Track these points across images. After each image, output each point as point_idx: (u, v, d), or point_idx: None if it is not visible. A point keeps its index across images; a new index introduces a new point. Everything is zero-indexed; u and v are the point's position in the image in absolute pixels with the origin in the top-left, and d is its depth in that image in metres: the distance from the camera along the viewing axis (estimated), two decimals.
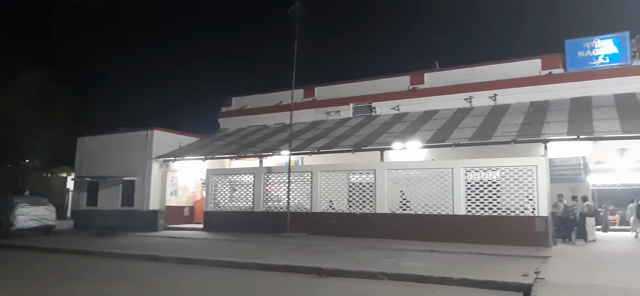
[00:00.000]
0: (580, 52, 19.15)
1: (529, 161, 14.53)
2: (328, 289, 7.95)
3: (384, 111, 22.25)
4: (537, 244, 13.49)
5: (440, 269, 9.25)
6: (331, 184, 17.56)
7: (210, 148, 22.14)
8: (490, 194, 14.84)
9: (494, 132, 16.15)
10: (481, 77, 20.66)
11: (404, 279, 8.61)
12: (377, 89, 22.96)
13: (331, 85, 24.75)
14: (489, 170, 15.08)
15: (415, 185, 16.19)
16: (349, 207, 17.08)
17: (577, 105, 17.39)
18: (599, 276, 8.89)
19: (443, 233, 14.72)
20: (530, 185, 14.27)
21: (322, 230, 16.68)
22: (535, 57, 20.16)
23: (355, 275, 9.08)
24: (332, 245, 13.64)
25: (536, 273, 8.70)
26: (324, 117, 23.52)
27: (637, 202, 19.13)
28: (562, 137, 14.72)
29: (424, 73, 22.52)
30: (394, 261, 10.41)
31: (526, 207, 14.28)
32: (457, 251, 12.17)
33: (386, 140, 17.85)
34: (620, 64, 18.43)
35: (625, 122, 14.67)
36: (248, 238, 15.89)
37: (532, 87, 19.41)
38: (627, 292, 7.31)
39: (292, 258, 10.92)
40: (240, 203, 19.37)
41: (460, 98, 20.63)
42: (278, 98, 24.62)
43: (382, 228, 15.86)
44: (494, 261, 10.55)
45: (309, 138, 20.27)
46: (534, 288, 7.41)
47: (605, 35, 18.96)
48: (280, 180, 18.64)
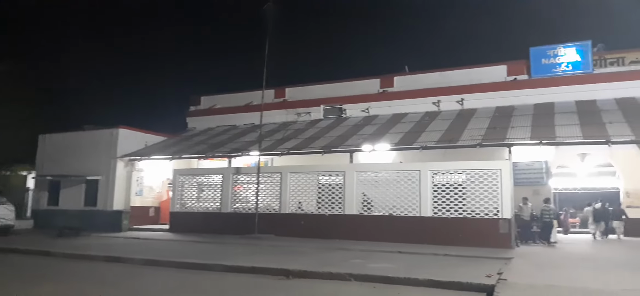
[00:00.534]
0: (544, 59, 19.75)
1: (494, 164, 14.88)
2: (295, 290, 7.91)
3: (354, 113, 22.40)
4: (501, 246, 13.82)
5: (407, 270, 9.34)
6: (300, 185, 17.53)
7: (177, 147, 21.78)
8: (456, 196, 15.12)
9: (461, 136, 16.46)
10: (449, 81, 21.06)
11: (370, 280, 8.65)
12: (348, 91, 23.10)
13: (302, 86, 24.75)
14: (455, 172, 15.35)
15: (383, 186, 16.35)
16: (318, 208, 17.10)
17: (541, 111, 17.92)
18: (560, 277, 9.16)
19: (410, 235, 14.92)
20: (495, 188, 14.61)
21: (290, 231, 16.63)
22: (502, 63, 20.69)
23: (322, 276, 9.07)
24: (300, 247, 13.61)
25: (499, 274, 8.88)
26: (294, 118, 23.49)
27: (594, 205, 19.86)
28: (526, 142, 15.14)
29: (393, 76, 22.78)
30: (361, 262, 10.45)
31: (491, 209, 14.60)
32: (423, 253, 12.34)
33: (356, 142, 17.96)
34: (582, 71, 19.10)
35: (586, 128, 15.21)
36: (215, 240, 15.69)
37: (498, 93, 19.90)
38: (587, 292, 7.54)
39: (259, 259, 10.83)
40: (208, 204, 19.12)
41: (428, 102, 20.97)
42: (248, 99, 24.44)
43: (350, 229, 15.93)
44: (459, 262, 10.73)
45: (279, 139, 20.20)
46: (496, 289, 7.56)
47: (568, 43, 19.61)
48: (249, 181, 18.50)
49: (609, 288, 7.86)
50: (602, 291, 7.52)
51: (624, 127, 14.69)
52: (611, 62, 18.89)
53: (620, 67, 18.66)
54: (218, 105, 26.10)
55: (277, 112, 23.54)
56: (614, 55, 18.95)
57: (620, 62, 18.75)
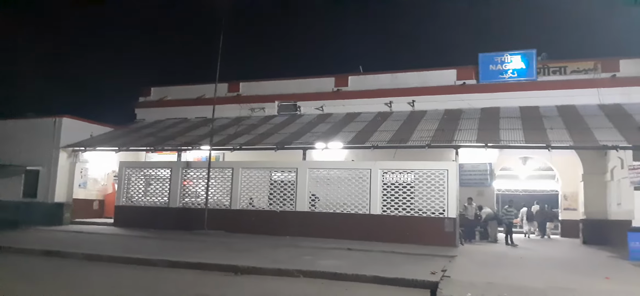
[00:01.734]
0: (491, 65, 20.48)
1: (441, 165, 15.35)
2: (242, 287, 7.86)
3: (309, 110, 22.44)
4: (446, 244, 14.29)
5: (355, 267, 9.48)
6: (252, 181, 17.41)
7: (125, 139, 21.06)
8: (404, 195, 15.49)
9: (411, 136, 16.84)
10: (401, 83, 21.47)
11: (319, 277, 8.72)
12: (303, 89, 23.09)
13: (257, 81, 24.51)
14: (404, 172, 15.73)
15: (335, 184, 16.50)
16: (269, 204, 17.04)
17: (487, 115, 18.60)
18: (500, 274, 9.57)
19: (360, 232, 15.16)
20: (442, 188, 15.08)
21: (241, 227, 16.48)
22: (452, 67, 21.27)
23: (271, 272, 9.06)
24: (250, 243, 13.53)
25: (443, 271, 9.18)
26: (248, 113, 23.25)
27: (528, 208, 20.90)
28: (472, 144, 15.67)
29: (348, 76, 22.96)
30: (311, 259, 10.52)
31: (437, 209, 15.06)
32: (372, 250, 12.56)
33: (309, 140, 18.00)
34: (527, 78, 19.93)
35: (529, 133, 15.93)
36: (162, 235, 15.31)
37: (448, 96, 20.46)
38: (523, 289, 7.92)
39: (207, 255, 10.68)
40: (155, 198, 18.63)
41: (381, 103, 21.30)
42: (200, 91, 23.94)
43: (302, 226, 15.98)
44: (406, 260, 11.00)
45: (232, 134, 19.93)
46: (440, 286, 7.82)
47: (515, 51, 20.41)
48: (199, 176, 18.18)
49: (544, 285, 8.30)
50: (536, 289, 7.93)
51: (564, 133, 15.49)
52: (554, 71, 19.84)
53: (562, 75, 19.62)
54: (169, 97, 25.42)
55: (230, 107, 23.20)
56: (556, 64, 19.90)
57: (562, 71, 19.72)
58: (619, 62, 18.87)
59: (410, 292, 7.84)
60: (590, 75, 18.97)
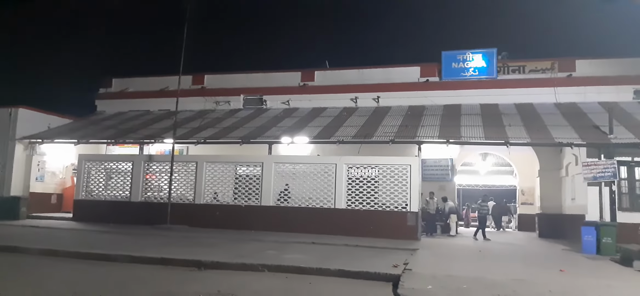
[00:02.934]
0: (454, 63, 20.95)
1: (405, 160, 15.64)
2: (205, 282, 7.80)
3: (275, 105, 22.38)
4: (408, 237, 14.60)
5: (319, 260, 9.57)
6: (217, 175, 17.24)
7: (84, 131, 20.45)
8: (369, 190, 15.71)
9: (375, 132, 17.07)
10: (367, 79, 21.69)
11: (283, 271, 8.76)
12: (269, 83, 23.00)
13: (222, 74, 24.25)
14: (369, 167, 15.95)
15: (300, 179, 16.57)
16: (234, 199, 16.93)
17: (449, 112, 19.04)
18: (460, 267, 9.87)
19: (325, 226, 15.29)
20: (405, 183, 15.38)
21: (205, 222, 16.31)
22: (415, 64, 21.64)
23: (235, 267, 9.03)
24: (214, 238, 13.42)
25: (405, 264, 9.39)
26: (213, 106, 22.99)
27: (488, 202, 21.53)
28: (434, 140, 16.03)
29: (314, 71, 23.01)
30: (275, 253, 10.54)
31: (400, 203, 15.34)
32: (336, 244, 12.70)
33: (275, 134, 17.98)
34: (488, 77, 20.50)
35: (488, 130, 16.41)
36: (123, 230, 14.98)
37: (411, 92, 20.82)
38: (482, 281, 8.19)
39: (170, 250, 10.54)
40: (116, 192, 18.19)
41: (346, 98, 21.46)
42: (164, 83, 23.49)
43: (267, 220, 15.97)
44: (369, 253, 11.18)
45: (196, 127, 19.67)
46: (402, 278, 8.00)
47: (476, 50, 20.95)
48: (162, 169, 17.87)
49: (502, 278, 8.60)
50: (494, 281, 8.21)
51: (521, 130, 16.04)
52: (513, 70, 20.48)
53: (521, 74, 20.28)
54: (131, 88, 24.80)
55: (194, 99, 22.86)
56: (516, 63, 20.55)
57: (521, 70, 20.38)
58: (575, 62, 19.68)
59: (373, 285, 7.97)
60: (547, 75, 19.70)
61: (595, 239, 12.89)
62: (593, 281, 8.61)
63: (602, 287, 7.89)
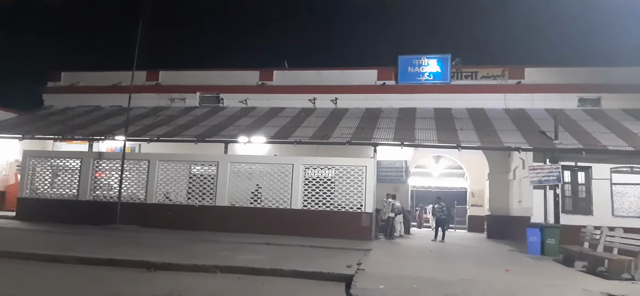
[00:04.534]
0: (410, 67, 21.39)
1: (360, 162, 15.82)
2: (154, 283, 7.59)
3: (232, 103, 22.12)
4: (363, 238, 14.77)
5: (273, 261, 9.51)
6: (170, 174, 16.83)
7: (30, 126, 19.50)
8: (325, 190, 15.78)
9: (333, 133, 17.18)
10: (325, 80, 21.82)
11: (236, 272, 8.64)
12: (226, 81, 22.71)
13: (178, 71, 23.76)
14: (325, 168, 16.03)
15: (257, 179, 16.44)
16: (188, 199, 16.58)
17: (404, 115, 19.41)
18: (411, 267, 10.06)
19: (281, 227, 15.23)
20: (360, 184, 15.55)
21: (156, 222, 15.86)
22: (373, 68, 21.98)
23: (187, 268, 8.83)
24: (166, 239, 13.08)
25: (358, 264, 9.47)
26: (167, 103, 22.48)
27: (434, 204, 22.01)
28: (389, 142, 16.31)
29: (273, 70, 22.93)
30: (229, 254, 10.39)
31: (355, 203, 15.49)
32: (291, 244, 12.67)
33: (232, 133, 17.76)
34: (442, 82, 21.06)
35: (441, 133, 16.85)
36: (70, 230, 14.35)
37: (369, 95, 21.12)
38: (433, 280, 8.38)
39: (119, 251, 10.19)
40: (63, 191, 17.42)
41: (305, 99, 21.51)
42: (116, 78, 22.76)
43: (221, 221, 15.72)
44: (324, 254, 11.20)
45: (149, 125, 19.16)
46: (355, 278, 8.06)
47: (431, 55, 21.48)
48: (112, 167, 17.26)
49: (451, 277, 8.83)
50: (444, 281, 8.42)
51: (472, 134, 16.56)
52: (466, 76, 21.13)
53: (473, 80, 20.95)
54: (81, 83, 23.85)
55: (148, 96, 22.26)
56: (468, 69, 21.22)
57: (473, 76, 21.06)
58: (524, 70, 20.53)
59: (327, 285, 8.00)
60: (498, 81, 20.43)
61: (539, 240, 13.46)
62: (536, 280, 8.98)
63: (545, 286, 8.24)
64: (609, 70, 19.76)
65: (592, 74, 19.77)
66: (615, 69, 19.75)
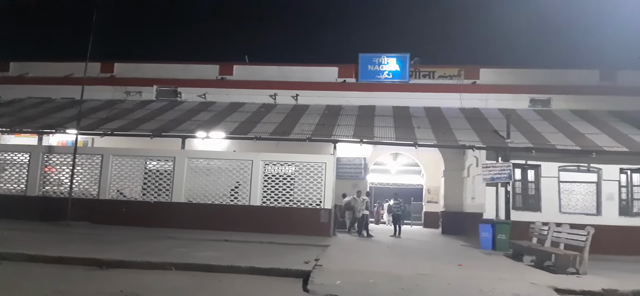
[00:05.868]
0: (370, 65, 21.64)
1: (320, 158, 15.91)
2: (106, 282, 7.38)
3: (190, 98, 21.72)
4: (322, 234, 14.87)
5: (230, 258, 9.43)
6: (124, 170, 16.38)
7: None
8: (285, 187, 15.76)
9: (293, 129, 17.16)
10: (286, 76, 21.76)
11: (192, 269, 8.53)
12: (185, 74, 22.29)
13: (134, 63, 23.05)
14: (285, 164, 16.00)
15: (215, 175, 16.22)
16: (143, 194, 16.18)
17: (364, 113, 19.62)
18: (368, 263, 10.22)
19: (239, 223, 15.11)
20: (320, 180, 15.64)
21: (110, 219, 15.39)
22: (334, 65, 22.09)
23: (141, 266, 8.64)
24: (119, 235, 12.73)
25: (316, 260, 9.55)
26: (122, 96, 21.83)
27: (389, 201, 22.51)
28: (349, 139, 16.45)
29: (233, 65, 22.68)
30: (185, 251, 10.24)
31: (314, 200, 15.56)
32: (249, 241, 12.61)
33: (190, 128, 17.45)
34: (400, 80, 21.42)
35: (399, 131, 17.15)
36: (17, 226, 13.69)
37: (329, 92, 21.23)
38: (387, 275, 8.55)
39: (69, 248, 9.84)
40: (10, 185, 16.63)
41: (265, 94, 21.39)
42: (69, 70, 21.86)
43: (178, 218, 15.43)
44: (282, 250, 11.22)
45: (103, 118, 18.54)
46: (312, 274, 8.13)
47: (391, 54, 21.80)
48: (63, 162, 16.62)
49: (406, 272, 9.05)
50: (399, 275, 8.61)
51: (429, 133, 16.93)
52: (424, 75, 21.56)
53: (430, 79, 21.40)
54: (31, 73, 22.79)
55: (102, 88, 21.55)
56: (426, 68, 21.66)
57: (431, 75, 21.51)
58: (479, 71, 21.14)
59: (284, 282, 8.01)
60: (454, 81, 20.97)
61: (491, 236, 13.96)
62: (487, 274, 9.30)
63: (495, 280, 8.55)
64: (558, 72, 20.65)
65: (543, 75, 20.61)
66: (564, 71, 20.68)
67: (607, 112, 18.94)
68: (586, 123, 17.68)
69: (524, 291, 7.70)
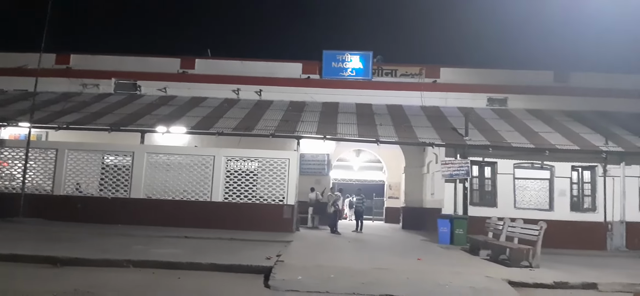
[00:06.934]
0: (334, 62, 21.76)
1: (284, 154, 15.89)
2: (60, 280, 7.16)
3: (150, 91, 21.26)
4: (285, 230, 14.88)
5: (191, 255, 9.32)
6: (81, 165, 15.87)
7: None
8: (248, 183, 15.66)
9: (256, 125, 17.09)
10: (250, 71, 21.61)
11: (151, 266, 8.37)
12: (145, 67, 21.79)
13: (91, 55, 22.34)
14: (248, 160, 15.90)
15: (176, 170, 15.95)
16: (100, 190, 15.73)
17: (327, 109, 19.74)
18: (329, 258, 10.32)
19: (201, 220, 14.93)
20: (283, 176, 15.62)
21: (65, 215, 14.86)
22: (298, 61, 22.09)
23: (97, 263, 8.41)
24: (75, 232, 12.32)
25: (278, 256, 9.56)
26: (79, 89, 21.13)
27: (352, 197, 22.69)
28: (312, 136, 16.53)
29: (195, 59, 22.33)
30: (143, 248, 10.04)
31: (278, 196, 15.54)
32: (211, 237, 12.49)
33: (149, 122, 17.10)
34: (363, 78, 21.64)
35: (362, 128, 17.35)
36: None
37: (293, 88, 21.24)
38: (349, 270, 8.66)
39: (21, 246, 9.47)
40: None
41: (228, 89, 21.18)
42: (21, 60, 20.91)
43: (137, 214, 15.08)
44: (244, 246, 11.17)
45: (58, 111, 17.92)
46: (273, 270, 8.14)
47: (354, 51, 21.98)
48: (15, 156, 15.94)
49: (367, 266, 9.19)
50: (360, 270, 8.75)
51: (391, 130, 17.21)
52: (386, 73, 21.86)
53: (393, 78, 21.72)
54: None
55: (58, 80, 20.79)
56: (389, 67, 21.97)
57: (393, 73, 21.83)
58: (440, 70, 21.61)
59: (245, 278, 7.99)
60: (416, 80, 21.36)
61: (449, 230, 14.35)
62: (445, 268, 9.57)
63: (452, 274, 8.80)
64: (515, 73, 21.37)
65: (500, 75, 21.27)
66: (520, 72, 21.42)
67: (560, 112, 19.75)
68: (540, 122, 18.39)
69: (479, 284, 7.96)
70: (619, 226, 15.29)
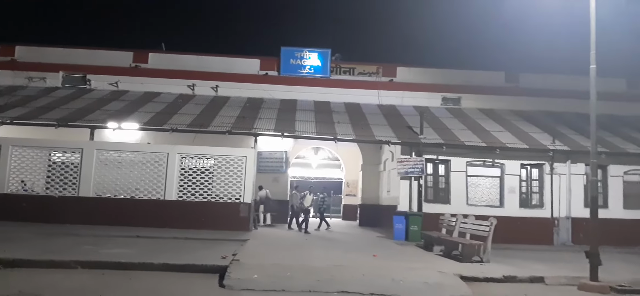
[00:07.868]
0: (292, 59, 21.68)
1: (241, 152, 15.69)
2: (4, 282, 6.79)
3: (101, 86, 20.50)
4: (241, 228, 14.70)
5: (142, 255, 9.05)
6: (26, 162, 15.10)
7: None
8: (203, 181, 15.36)
9: (212, 122, 16.79)
10: (206, 66, 21.21)
11: (100, 267, 8.08)
12: (95, 61, 20.97)
13: (37, 46, 21.32)
14: (204, 157, 15.59)
15: (127, 168, 15.44)
16: (46, 189, 15.03)
17: (285, 106, 19.65)
18: (285, 256, 10.29)
19: (153, 219, 14.51)
20: (240, 174, 15.42)
21: (8, 215, 14.02)
22: (256, 57, 21.87)
23: (42, 264, 8.03)
24: (19, 232, 11.71)
25: (234, 255, 9.44)
26: (24, 82, 20.11)
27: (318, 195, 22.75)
28: (270, 133, 16.42)
29: (148, 52, 21.70)
30: (92, 248, 9.67)
31: (234, 194, 15.33)
32: (164, 237, 12.19)
33: (99, 118, 16.49)
34: (322, 76, 21.68)
35: (320, 126, 17.39)
36: None
37: (251, 84, 21.00)
38: (306, 267, 8.68)
39: None
40: None
41: (183, 84, 20.73)
42: None
43: (86, 213, 14.47)
44: (199, 246, 10.97)
45: (2, 105, 16.99)
46: (229, 269, 8.03)
47: (313, 49, 21.98)
48: None
49: (323, 264, 9.23)
50: (316, 267, 8.77)
51: (348, 128, 17.34)
52: (345, 71, 21.98)
53: (351, 76, 21.87)
54: None
55: (1, 73, 19.86)
56: (347, 65, 22.10)
57: (351, 71, 21.98)
58: (397, 69, 21.93)
59: (200, 278, 7.85)
60: (373, 78, 21.59)
61: (404, 227, 14.61)
62: (399, 264, 9.74)
63: (406, 269, 8.96)
64: (468, 73, 21.97)
65: (454, 75, 21.81)
66: (473, 72, 22.04)
67: (511, 111, 20.48)
68: (492, 122, 19.01)
69: (432, 279, 8.15)
70: (565, 221, 16.01)
